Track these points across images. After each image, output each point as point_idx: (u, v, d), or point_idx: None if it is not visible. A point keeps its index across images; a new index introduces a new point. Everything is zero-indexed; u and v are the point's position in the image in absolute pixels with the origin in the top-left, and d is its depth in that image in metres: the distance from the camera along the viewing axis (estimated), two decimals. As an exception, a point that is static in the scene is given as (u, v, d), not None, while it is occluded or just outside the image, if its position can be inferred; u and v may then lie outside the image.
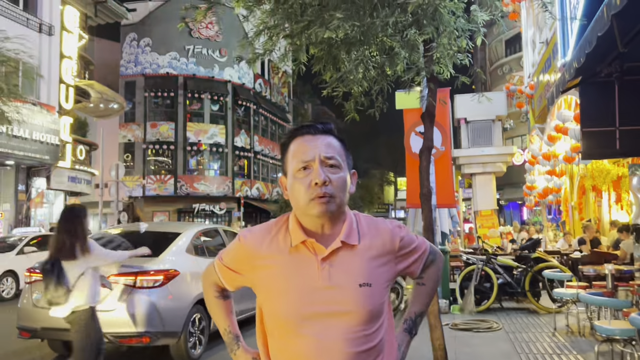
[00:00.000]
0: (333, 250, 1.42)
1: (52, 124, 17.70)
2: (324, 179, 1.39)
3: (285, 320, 1.41)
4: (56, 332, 5.39)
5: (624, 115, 6.67)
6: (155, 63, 29.87)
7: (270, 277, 1.45)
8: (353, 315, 1.38)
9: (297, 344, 1.40)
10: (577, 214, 14.12)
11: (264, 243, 1.48)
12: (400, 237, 1.51)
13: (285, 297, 1.41)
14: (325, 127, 1.48)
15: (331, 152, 1.43)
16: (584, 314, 6.86)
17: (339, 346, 1.37)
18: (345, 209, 1.48)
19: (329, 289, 1.39)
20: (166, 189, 28.81)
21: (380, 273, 1.45)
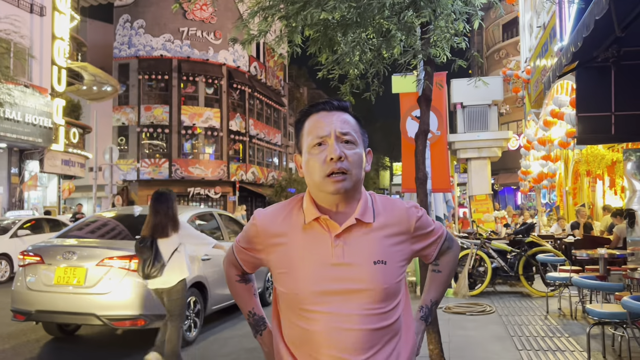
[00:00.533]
0: (347, 228, 1.40)
1: (44, 106, 17.55)
2: (340, 154, 1.37)
3: (299, 298, 1.40)
4: (51, 315, 5.41)
5: (620, 100, 6.66)
6: (149, 45, 29.56)
7: (284, 254, 1.44)
8: (368, 292, 1.37)
9: (310, 322, 1.38)
10: (571, 199, 14.18)
11: (278, 221, 1.47)
12: (416, 217, 1.49)
13: (298, 274, 1.40)
14: (341, 104, 1.47)
15: (347, 127, 1.42)
16: (576, 298, 6.92)
17: (353, 324, 1.36)
18: (361, 187, 1.47)
19: (342, 266, 1.37)
20: (161, 172, 28.72)
21: (396, 252, 1.43)
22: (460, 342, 5.61)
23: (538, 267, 8.46)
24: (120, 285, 5.23)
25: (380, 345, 1.39)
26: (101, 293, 5.22)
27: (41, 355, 5.55)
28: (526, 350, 5.26)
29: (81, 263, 5.34)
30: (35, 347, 5.83)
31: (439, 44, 4.29)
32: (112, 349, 5.74)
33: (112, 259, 5.32)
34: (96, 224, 6.40)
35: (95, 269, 5.29)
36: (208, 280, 6.13)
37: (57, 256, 5.43)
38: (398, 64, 4.40)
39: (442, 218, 9.46)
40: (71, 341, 6.12)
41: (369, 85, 4.47)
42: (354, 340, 1.35)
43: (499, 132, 19.60)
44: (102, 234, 6.15)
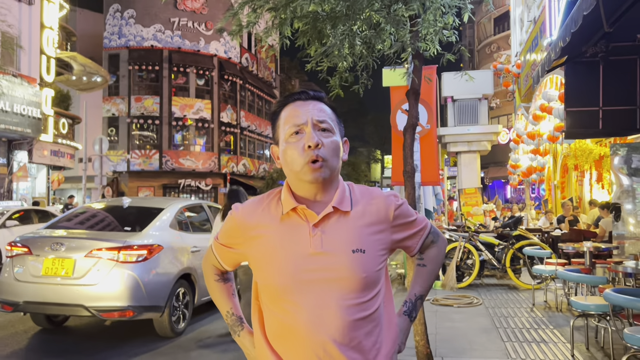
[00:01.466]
0: (325, 217, 1.40)
1: (33, 96, 17.38)
2: (317, 141, 1.37)
3: (279, 289, 1.40)
4: (39, 306, 5.39)
5: (608, 95, 6.73)
6: (140, 35, 29.30)
7: (263, 246, 1.44)
8: (347, 281, 1.37)
9: (291, 313, 1.38)
10: (559, 193, 14.31)
11: (256, 213, 1.47)
12: (395, 206, 1.48)
13: (277, 265, 1.40)
14: (316, 94, 1.48)
15: (323, 116, 1.43)
16: (561, 290, 7.01)
17: (333, 314, 1.36)
18: (338, 177, 1.48)
19: (321, 255, 1.37)
20: (151, 164, 28.57)
21: (375, 240, 1.43)
22: (446, 334, 5.68)
23: (525, 260, 8.55)
24: (108, 277, 5.23)
25: (361, 336, 1.38)
26: (89, 284, 5.21)
27: (29, 346, 5.55)
28: (511, 341, 5.34)
29: (69, 254, 5.32)
30: (23, 338, 5.82)
31: (428, 37, 4.31)
32: (100, 340, 5.75)
33: (101, 250, 5.31)
34: (85, 215, 6.38)
35: (83, 260, 5.28)
36: (197, 272, 6.14)
37: (45, 247, 5.42)
38: (387, 57, 4.41)
39: (431, 211, 9.52)
40: (59, 332, 6.11)
41: (358, 78, 4.49)
42: (334, 330, 1.35)
43: (489, 126, 19.68)
44: (91, 225, 6.13)
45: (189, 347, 5.41)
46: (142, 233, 5.68)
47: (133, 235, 5.59)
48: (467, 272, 8.71)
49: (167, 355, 5.12)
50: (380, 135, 51.05)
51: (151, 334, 5.75)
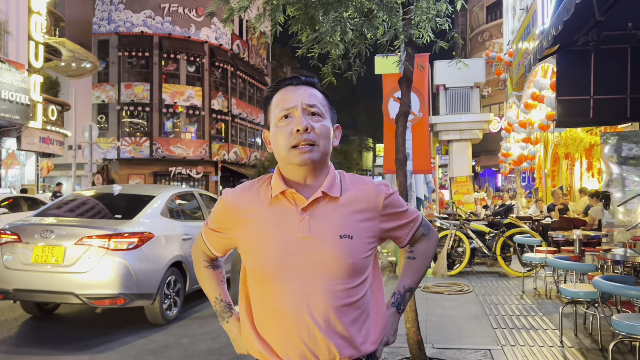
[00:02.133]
0: (314, 202, 1.41)
1: (21, 82, 17.15)
2: (306, 125, 1.38)
3: (266, 272, 1.40)
4: (29, 294, 5.37)
5: (599, 84, 6.75)
6: (129, 21, 28.95)
7: (251, 230, 1.44)
8: (333, 267, 1.37)
9: (278, 297, 1.39)
10: (550, 181, 14.40)
11: (246, 197, 1.48)
12: (385, 195, 1.48)
13: (265, 249, 1.40)
14: (308, 79, 1.48)
15: (313, 100, 1.43)
16: (551, 278, 7.08)
17: (319, 299, 1.36)
18: (329, 162, 1.48)
19: (308, 240, 1.37)
20: (141, 151, 28.39)
21: (363, 228, 1.43)
22: (437, 321, 5.72)
23: (515, 248, 8.62)
24: (99, 264, 5.20)
25: (347, 322, 1.38)
26: (80, 272, 5.19)
27: (19, 334, 5.53)
28: (501, 328, 5.39)
29: (59, 242, 5.29)
30: (13, 325, 5.79)
31: (421, 24, 4.28)
32: (91, 328, 5.74)
33: (92, 237, 5.28)
34: (75, 202, 6.34)
35: (73, 247, 5.25)
36: (188, 259, 6.13)
37: (35, 235, 5.38)
38: (380, 45, 4.39)
39: (422, 199, 9.55)
40: (50, 320, 6.09)
41: (351, 66, 4.46)
42: (319, 315, 1.36)
43: (481, 114, 19.74)
44: (81, 213, 6.09)
45: (180, 335, 5.42)
46: (133, 221, 5.65)
47: (124, 223, 5.57)
48: (457, 260, 8.77)
49: (158, 343, 5.12)
50: (372, 123, 51.02)
51: (142, 321, 5.75)
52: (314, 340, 1.36)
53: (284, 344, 1.39)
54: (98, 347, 4.98)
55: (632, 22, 5.79)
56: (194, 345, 5.03)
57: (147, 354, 4.79)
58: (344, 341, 1.38)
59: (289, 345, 1.38)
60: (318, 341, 1.36)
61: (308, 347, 1.36)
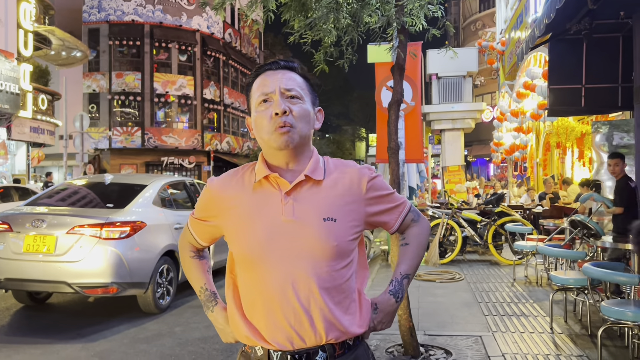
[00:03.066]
0: (297, 185, 1.41)
1: (10, 71, 16.94)
2: (284, 108, 1.39)
3: (251, 257, 1.41)
4: (21, 283, 5.36)
5: (590, 73, 6.77)
6: (120, 10, 28.62)
7: (236, 215, 1.45)
8: (317, 249, 1.38)
9: (263, 280, 1.39)
10: (541, 170, 14.48)
11: (230, 184, 1.49)
12: (369, 178, 1.48)
13: (250, 233, 1.41)
14: (287, 64, 1.48)
15: (291, 84, 1.43)
16: (542, 266, 7.15)
17: (304, 281, 1.37)
18: (311, 146, 1.49)
19: (292, 223, 1.38)
20: (133, 141, 28.21)
21: (347, 211, 1.43)
22: (429, 308, 5.77)
23: (507, 236, 8.68)
24: (91, 253, 5.19)
25: (332, 305, 1.39)
26: (72, 261, 5.17)
27: (11, 323, 5.52)
28: (492, 315, 5.44)
29: (51, 231, 5.27)
30: (5, 315, 5.78)
31: (414, 11, 4.27)
32: (84, 317, 5.74)
33: (83, 227, 5.26)
34: (66, 191, 6.30)
35: (65, 237, 5.23)
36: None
37: (26, 224, 5.35)
38: (373, 33, 4.37)
39: (414, 188, 9.58)
40: (42, 309, 6.08)
41: (343, 54, 4.44)
42: (304, 298, 1.37)
43: (473, 103, 19.76)
44: (72, 202, 6.06)
45: (173, 323, 5.43)
46: (124, 210, 5.64)
47: (116, 212, 5.55)
48: (449, 249, 8.83)
49: (151, 331, 5.13)
50: (365, 113, 50.96)
51: (135, 310, 5.75)
52: (300, 323, 1.37)
53: (271, 327, 1.39)
54: (91, 335, 4.99)
55: (624, 10, 5.81)
56: (187, 334, 5.04)
57: (140, 342, 4.80)
58: (330, 323, 1.38)
59: (276, 329, 1.39)
60: (304, 323, 1.37)
61: (295, 329, 1.37)
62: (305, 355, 1.39)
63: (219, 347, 4.63)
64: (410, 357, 4.16)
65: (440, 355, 4.24)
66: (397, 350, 4.34)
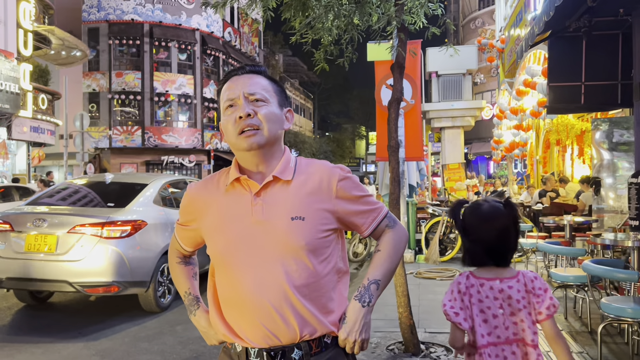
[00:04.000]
0: (266, 186, 1.45)
1: (10, 71, 16.95)
2: (248, 111, 1.43)
3: (224, 259, 1.45)
4: (22, 282, 5.37)
5: (590, 70, 6.78)
6: (120, 9, 28.60)
7: (211, 218, 1.49)
8: (287, 248, 1.39)
9: (237, 281, 1.42)
10: (541, 168, 14.49)
11: (206, 188, 1.54)
12: (340, 177, 1.48)
13: (222, 235, 1.45)
14: (253, 68, 1.53)
15: (255, 88, 1.47)
16: (542, 263, 7.15)
17: (275, 281, 1.39)
18: (282, 147, 1.52)
19: (262, 223, 1.41)
20: (133, 140, 28.20)
21: (316, 210, 1.44)
22: (429, 306, 5.78)
23: (507, 233, 8.68)
24: (92, 253, 5.20)
25: (305, 303, 1.39)
26: (73, 260, 5.19)
27: (13, 322, 5.53)
28: (492, 312, 5.45)
29: (52, 230, 5.28)
30: (7, 314, 5.80)
31: (414, 10, 4.28)
32: (85, 316, 5.75)
33: (84, 226, 5.28)
34: (67, 191, 6.31)
35: (66, 236, 5.24)
36: (182, 247, 6.14)
37: (27, 223, 5.36)
38: (373, 31, 4.38)
39: (414, 186, 9.58)
40: (44, 308, 6.10)
41: (343, 52, 4.45)
42: (276, 297, 1.38)
43: (473, 101, 19.76)
44: (73, 201, 6.07)
45: (174, 322, 5.44)
46: (125, 209, 5.65)
47: (116, 211, 5.56)
48: (449, 246, 8.83)
49: (152, 330, 5.14)
50: (365, 111, 50.89)
51: (136, 309, 5.77)
52: (273, 321, 1.39)
53: (246, 326, 1.42)
54: (92, 334, 5.00)
55: (624, 7, 5.81)
56: (187, 332, 5.05)
57: (141, 340, 4.81)
58: (303, 320, 1.39)
59: (251, 327, 1.41)
60: (277, 322, 1.39)
61: (268, 329, 1.39)
62: (281, 352, 1.40)
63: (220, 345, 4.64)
64: (411, 355, 4.18)
65: (440, 353, 4.26)
66: (398, 347, 4.35)
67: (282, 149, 1.52)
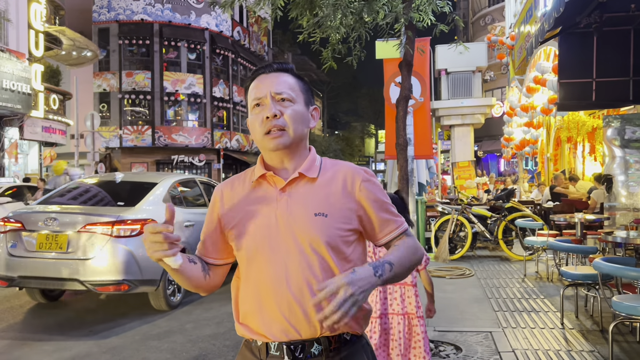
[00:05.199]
0: (292, 182, 1.47)
1: (22, 71, 17.11)
2: (275, 112, 1.44)
3: (249, 252, 1.47)
4: (34, 281, 5.42)
5: (601, 66, 6.71)
6: (129, 9, 28.76)
7: (236, 212, 1.51)
8: (310, 243, 1.42)
9: (261, 274, 1.44)
10: (552, 165, 14.37)
11: (233, 185, 1.57)
12: (363, 178, 1.49)
13: (248, 229, 1.47)
14: (280, 66, 1.53)
15: (282, 87, 1.48)
16: (552, 261, 7.10)
17: (299, 274, 1.41)
18: (307, 145, 1.54)
19: (286, 218, 1.44)
20: (144, 139, 28.37)
21: (339, 207, 1.46)
22: (439, 304, 5.72)
23: (517, 231, 8.64)
24: (102, 251, 5.24)
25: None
26: (84, 259, 5.23)
27: (25, 320, 5.59)
28: (502, 311, 5.42)
29: (63, 229, 5.33)
30: (19, 312, 5.86)
31: (422, 7, 4.26)
32: (96, 314, 5.80)
33: (95, 225, 5.31)
34: (78, 190, 6.36)
35: (77, 235, 5.28)
36: (191, 246, 6.16)
37: (39, 222, 5.41)
38: (381, 29, 4.37)
39: (424, 184, 9.55)
40: (55, 307, 6.16)
41: (351, 50, 4.45)
42: (297, 290, 1.41)
43: (483, 98, 19.65)
44: (84, 201, 6.12)
45: (184, 320, 5.47)
46: (135, 208, 5.68)
47: (126, 210, 5.59)
48: (459, 245, 8.80)
49: (162, 328, 5.17)
50: (374, 109, 50.74)
51: (146, 307, 5.81)
52: (295, 315, 1.41)
53: (267, 319, 1.43)
54: (103, 332, 5.04)
55: (635, 3, 5.74)
56: (197, 330, 5.08)
57: (152, 339, 4.84)
58: None
59: (271, 320, 1.43)
60: (297, 315, 1.40)
61: (289, 321, 1.41)
62: (301, 346, 1.42)
63: (230, 343, 4.67)
64: (420, 353, 4.16)
65: (450, 351, 4.24)
66: (407, 346, 4.33)
67: (307, 147, 1.55)
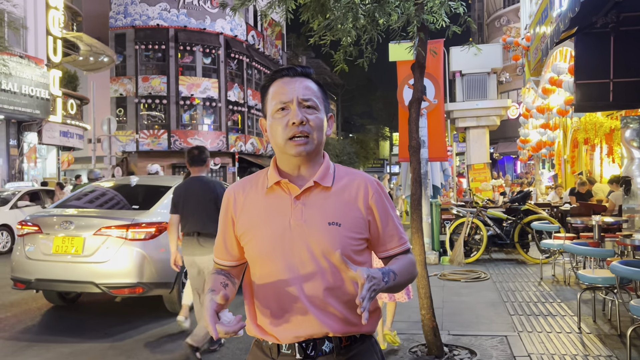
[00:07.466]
0: (307, 190, 1.48)
1: (41, 77, 17.40)
2: (301, 118, 1.44)
3: (262, 258, 1.48)
4: (50, 283, 5.49)
5: (619, 67, 6.61)
6: (145, 14, 29.08)
7: (249, 217, 1.51)
8: (323, 251, 1.43)
9: (273, 278, 1.46)
10: (569, 167, 14.19)
11: (245, 188, 1.56)
12: (376, 188, 1.52)
13: (261, 234, 1.48)
14: (304, 70, 1.53)
15: (309, 94, 1.48)
16: (569, 264, 7.00)
17: (311, 281, 1.43)
18: (323, 153, 1.55)
19: (301, 226, 1.45)
20: (160, 143, 28.62)
21: (352, 217, 1.48)
22: (453, 308, 5.71)
23: (533, 234, 8.53)
24: (118, 254, 5.29)
25: (337, 304, 1.44)
26: (99, 262, 5.28)
27: (42, 322, 5.66)
28: (518, 315, 5.36)
29: (79, 232, 5.39)
30: (37, 314, 5.94)
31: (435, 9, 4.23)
32: (111, 317, 5.85)
33: (110, 228, 5.37)
34: (94, 194, 6.43)
35: (92, 238, 5.34)
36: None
37: (55, 226, 5.48)
38: (393, 31, 4.35)
39: (439, 187, 9.49)
40: (71, 309, 6.23)
41: (363, 53, 4.43)
42: (310, 296, 1.43)
43: (498, 100, 19.47)
44: (99, 204, 6.18)
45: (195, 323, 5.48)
46: (150, 211, 5.72)
47: (141, 214, 5.64)
48: (475, 248, 8.72)
49: (176, 331, 5.19)
50: (388, 112, 50.62)
51: (161, 309, 5.84)
52: (307, 320, 1.44)
53: (280, 323, 1.46)
54: (118, 335, 5.08)
55: (653, 2, 5.65)
56: (211, 333, 5.09)
57: (166, 341, 4.87)
58: (336, 321, 1.44)
59: (284, 325, 1.45)
60: (310, 320, 1.43)
61: (301, 326, 1.44)
62: (312, 343, 1.45)
63: (243, 346, 4.67)
64: (434, 357, 4.13)
65: (464, 355, 4.20)
66: (421, 350, 4.31)
67: (322, 154, 1.55)
